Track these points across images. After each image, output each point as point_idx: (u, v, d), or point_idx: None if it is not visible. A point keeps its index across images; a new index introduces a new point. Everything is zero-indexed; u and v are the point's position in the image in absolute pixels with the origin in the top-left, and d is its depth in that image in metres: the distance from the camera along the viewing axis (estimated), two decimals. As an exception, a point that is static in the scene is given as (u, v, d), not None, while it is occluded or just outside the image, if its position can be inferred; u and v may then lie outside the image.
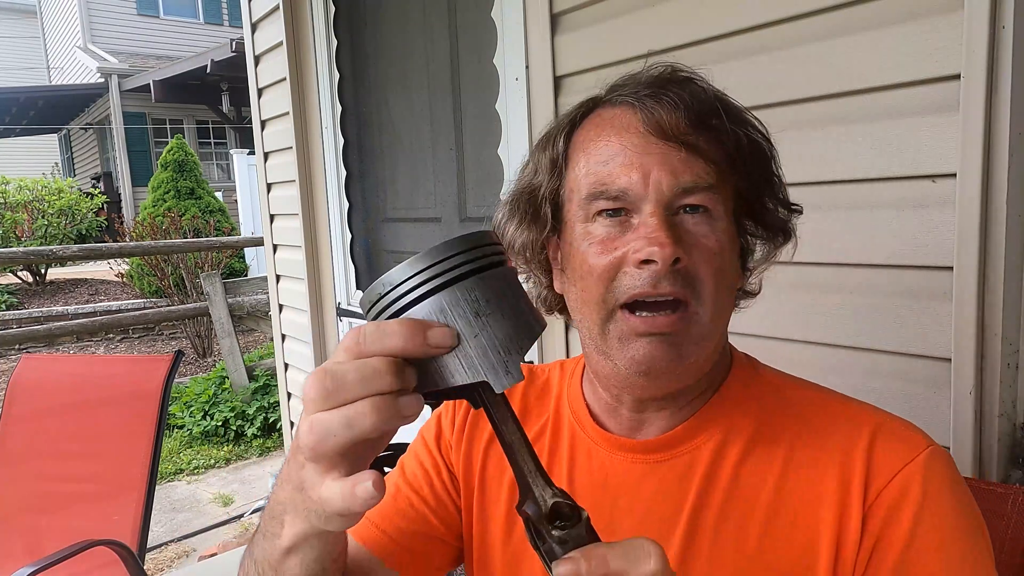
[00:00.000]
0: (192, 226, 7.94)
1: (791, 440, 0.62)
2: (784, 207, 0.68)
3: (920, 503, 0.56)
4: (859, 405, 0.64)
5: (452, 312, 0.42)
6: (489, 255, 0.44)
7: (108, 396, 2.11)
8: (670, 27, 1.29)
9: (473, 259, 0.43)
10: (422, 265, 0.42)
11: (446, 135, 2.10)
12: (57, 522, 2.02)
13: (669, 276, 0.57)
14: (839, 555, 0.57)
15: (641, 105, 0.60)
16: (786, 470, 0.61)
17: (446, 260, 0.42)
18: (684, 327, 0.58)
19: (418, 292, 0.42)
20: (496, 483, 0.74)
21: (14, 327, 6.43)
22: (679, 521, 0.62)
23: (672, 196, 0.58)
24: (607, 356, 0.61)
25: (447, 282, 0.42)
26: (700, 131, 0.59)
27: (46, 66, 17.06)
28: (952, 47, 0.94)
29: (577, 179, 0.63)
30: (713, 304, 0.59)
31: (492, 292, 0.43)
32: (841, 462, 0.59)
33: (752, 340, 1.23)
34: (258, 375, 4.69)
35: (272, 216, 2.94)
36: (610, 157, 0.60)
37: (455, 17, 2.00)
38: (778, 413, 0.64)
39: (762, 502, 0.61)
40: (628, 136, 0.60)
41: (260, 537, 0.54)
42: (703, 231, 0.59)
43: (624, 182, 0.59)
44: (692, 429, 0.65)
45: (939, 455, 0.59)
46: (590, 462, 0.69)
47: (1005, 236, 0.92)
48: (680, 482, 0.64)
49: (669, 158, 0.58)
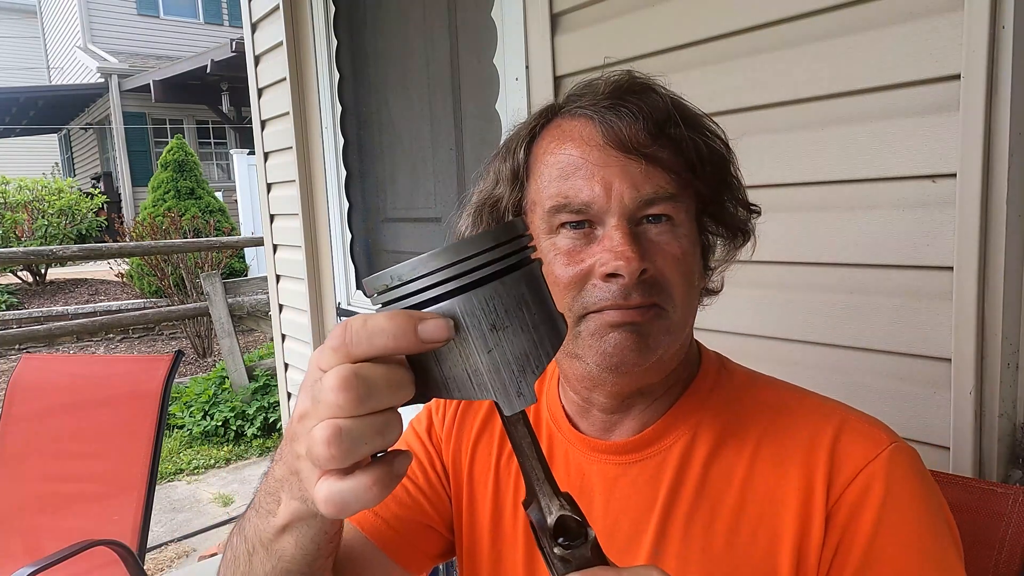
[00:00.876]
0: (192, 226, 7.94)
1: (758, 438, 0.62)
2: (743, 207, 0.68)
3: (883, 500, 0.56)
4: (824, 402, 0.64)
5: (466, 322, 0.37)
6: (514, 252, 0.39)
7: (108, 396, 2.11)
8: (670, 27, 1.29)
9: (495, 259, 0.38)
10: (437, 264, 0.37)
11: (446, 135, 2.10)
12: (57, 522, 2.02)
13: (638, 287, 0.58)
14: (802, 555, 0.57)
15: (600, 118, 0.60)
16: (752, 469, 0.61)
17: (466, 260, 0.37)
18: (654, 318, 0.59)
19: (429, 294, 0.37)
20: (482, 484, 0.75)
21: (14, 327, 6.43)
22: (649, 521, 0.63)
23: (634, 208, 0.59)
24: (577, 358, 0.62)
25: (464, 286, 0.37)
26: (659, 141, 0.60)
27: (46, 66, 17.06)
28: (952, 47, 0.94)
29: (539, 191, 0.63)
30: (682, 305, 0.61)
31: (513, 300, 0.38)
32: (804, 460, 0.59)
33: (752, 340, 1.23)
34: (258, 375, 4.69)
35: (272, 216, 2.94)
36: (572, 171, 0.60)
37: (455, 17, 2.00)
38: (746, 411, 0.65)
39: (729, 501, 0.61)
40: (588, 149, 0.60)
41: (253, 513, 0.53)
42: (666, 239, 0.60)
43: (586, 196, 0.59)
44: (662, 429, 0.65)
45: (902, 451, 0.59)
46: (567, 464, 0.69)
47: (1005, 236, 0.92)
48: (651, 483, 0.64)
49: (629, 170, 0.59)
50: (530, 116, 0.68)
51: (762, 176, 1.16)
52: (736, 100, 1.20)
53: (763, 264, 1.18)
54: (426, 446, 0.80)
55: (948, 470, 0.98)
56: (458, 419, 0.79)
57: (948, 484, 0.87)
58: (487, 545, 0.73)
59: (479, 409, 0.78)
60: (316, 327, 2.64)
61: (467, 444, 0.77)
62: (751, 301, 1.22)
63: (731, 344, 1.20)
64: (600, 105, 0.61)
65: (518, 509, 0.71)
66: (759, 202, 0.70)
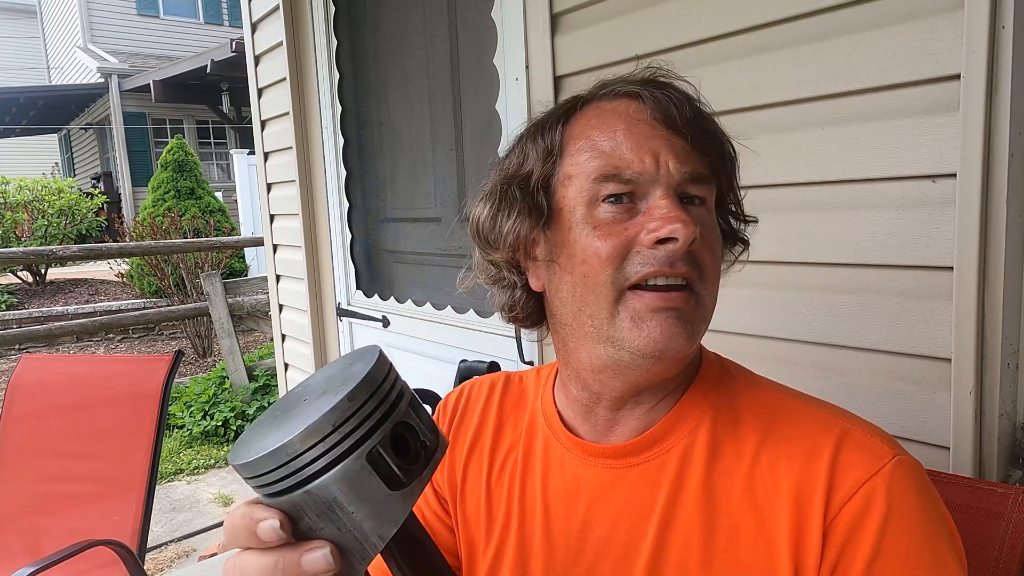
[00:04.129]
0: (192, 226, 7.94)
1: (757, 446, 0.61)
2: (742, 216, 0.70)
3: (884, 517, 0.54)
4: (825, 410, 0.62)
5: (306, 511, 0.43)
6: (351, 432, 0.42)
7: (108, 396, 2.11)
8: (670, 27, 1.29)
9: (327, 450, 0.42)
10: (272, 464, 0.42)
11: (446, 135, 2.10)
12: (57, 522, 2.02)
13: (685, 256, 0.58)
14: (799, 569, 0.55)
15: (649, 94, 0.61)
16: (752, 477, 0.60)
17: (299, 457, 0.41)
18: (695, 306, 0.59)
19: (275, 488, 0.43)
20: (474, 500, 0.74)
21: (14, 327, 6.43)
22: (648, 528, 0.62)
23: (680, 180, 0.59)
24: (613, 343, 0.60)
25: (299, 482, 0.42)
26: (697, 128, 0.61)
27: (46, 66, 17.05)
28: (952, 47, 0.94)
29: (577, 165, 0.62)
30: (712, 292, 0.61)
31: (348, 486, 0.42)
32: (802, 471, 0.58)
33: (752, 340, 1.23)
34: (258, 375, 4.69)
35: (272, 216, 2.94)
36: (620, 142, 0.60)
37: (455, 17, 2.00)
38: (745, 416, 0.63)
39: (728, 509, 0.59)
40: (636, 123, 0.61)
41: None
42: (706, 220, 0.61)
43: (637, 166, 0.59)
44: (661, 433, 0.64)
45: (904, 465, 0.57)
46: (563, 469, 0.68)
47: (1005, 236, 0.92)
48: (650, 487, 0.63)
49: (674, 145, 0.60)
50: (557, 105, 0.68)
51: (762, 176, 1.16)
52: (736, 100, 1.20)
53: (763, 264, 1.18)
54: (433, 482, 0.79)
55: (948, 470, 0.98)
56: (450, 440, 0.77)
57: (948, 484, 0.87)
58: (480, 551, 0.72)
59: (468, 427, 0.77)
60: (316, 327, 2.65)
61: (459, 459, 0.76)
62: (751, 301, 1.22)
63: (731, 344, 1.20)
64: (643, 85, 0.63)
65: (508, 528, 0.70)
66: (759, 202, 0.71)
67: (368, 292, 2.48)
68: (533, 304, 0.69)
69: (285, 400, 0.49)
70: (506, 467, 0.73)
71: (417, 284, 2.32)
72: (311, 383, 0.49)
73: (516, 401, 0.77)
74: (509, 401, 0.77)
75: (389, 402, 0.44)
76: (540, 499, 0.68)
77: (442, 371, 2.06)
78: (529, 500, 0.69)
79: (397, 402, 0.45)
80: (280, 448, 0.41)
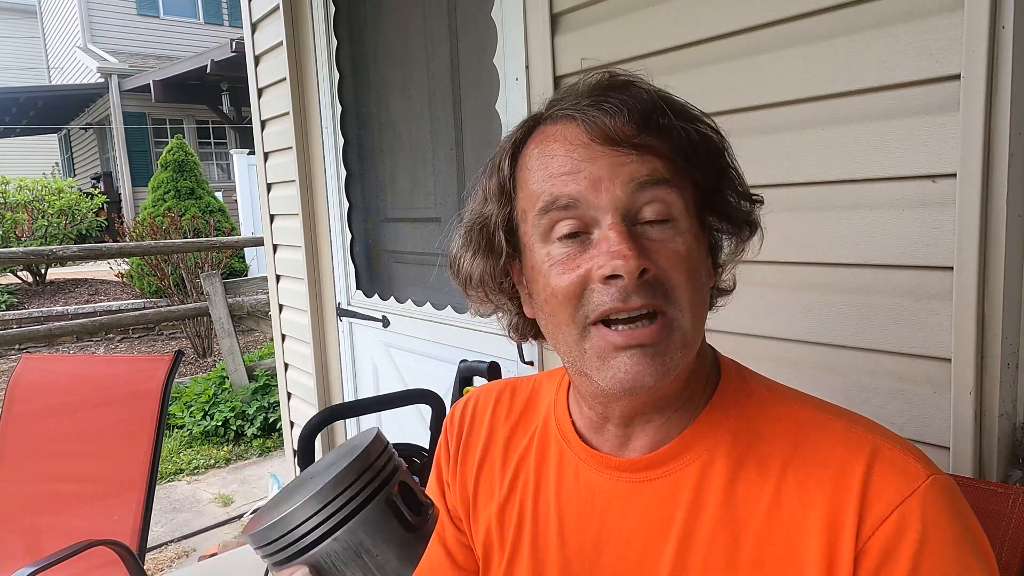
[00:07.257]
0: (192, 226, 7.94)
1: (782, 464, 0.59)
2: (745, 199, 0.65)
3: (920, 542, 0.52)
4: (853, 423, 0.60)
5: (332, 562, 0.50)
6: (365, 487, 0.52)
7: (108, 396, 2.11)
8: (670, 27, 1.29)
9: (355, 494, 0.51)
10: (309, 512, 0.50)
11: (446, 135, 2.10)
12: (57, 522, 2.02)
13: (639, 289, 0.55)
14: None
15: (583, 116, 0.58)
16: (778, 496, 0.58)
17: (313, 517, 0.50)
18: (667, 335, 0.57)
19: (297, 547, 0.50)
20: (487, 503, 0.74)
21: (14, 327, 6.42)
22: (666, 545, 0.60)
23: (628, 200, 0.56)
24: (587, 376, 0.59)
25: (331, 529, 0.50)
26: (647, 131, 0.57)
27: (46, 66, 17.05)
28: (952, 47, 0.94)
29: (527, 198, 0.61)
30: (691, 308, 0.58)
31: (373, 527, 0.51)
32: (833, 491, 0.55)
33: (753, 340, 1.23)
34: (258, 375, 4.69)
35: (272, 216, 2.94)
36: (556, 169, 0.59)
37: (455, 17, 2.00)
38: (768, 431, 0.61)
39: (753, 529, 0.58)
40: (572, 147, 0.58)
41: None
42: (667, 236, 0.57)
43: (572, 189, 0.57)
44: (680, 447, 0.62)
45: (939, 485, 0.54)
46: (577, 480, 0.67)
47: (1005, 236, 0.92)
48: (666, 503, 0.61)
49: (619, 163, 0.57)
50: (513, 128, 0.66)
51: (762, 176, 1.16)
52: (736, 100, 1.20)
53: (763, 264, 1.18)
54: (446, 504, 0.79)
55: (948, 470, 0.98)
56: (462, 451, 0.78)
57: (948, 484, 0.87)
58: (495, 558, 0.72)
59: (478, 439, 0.77)
60: (316, 327, 2.65)
61: (471, 469, 0.76)
62: (751, 301, 1.22)
63: (731, 344, 1.19)
64: (581, 104, 0.59)
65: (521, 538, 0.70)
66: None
67: (368, 292, 2.48)
68: (532, 324, 0.69)
69: (293, 484, 0.59)
70: (519, 476, 0.72)
71: (417, 284, 2.32)
72: (315, 469, 0.59)
73: (525, 409, 0.77)
74: (517, 409, 0.77)
75: (394, 463, 0.57)
76: (554, 509, 0.68)
77: (442, 371, 2.06)
78: (543, 509, 0.69)
79: (397, 467, 0.57)
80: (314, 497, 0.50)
